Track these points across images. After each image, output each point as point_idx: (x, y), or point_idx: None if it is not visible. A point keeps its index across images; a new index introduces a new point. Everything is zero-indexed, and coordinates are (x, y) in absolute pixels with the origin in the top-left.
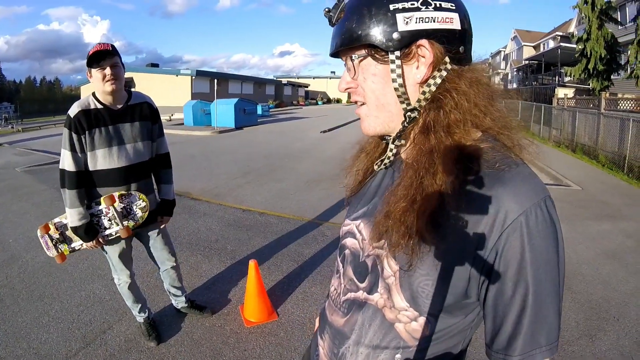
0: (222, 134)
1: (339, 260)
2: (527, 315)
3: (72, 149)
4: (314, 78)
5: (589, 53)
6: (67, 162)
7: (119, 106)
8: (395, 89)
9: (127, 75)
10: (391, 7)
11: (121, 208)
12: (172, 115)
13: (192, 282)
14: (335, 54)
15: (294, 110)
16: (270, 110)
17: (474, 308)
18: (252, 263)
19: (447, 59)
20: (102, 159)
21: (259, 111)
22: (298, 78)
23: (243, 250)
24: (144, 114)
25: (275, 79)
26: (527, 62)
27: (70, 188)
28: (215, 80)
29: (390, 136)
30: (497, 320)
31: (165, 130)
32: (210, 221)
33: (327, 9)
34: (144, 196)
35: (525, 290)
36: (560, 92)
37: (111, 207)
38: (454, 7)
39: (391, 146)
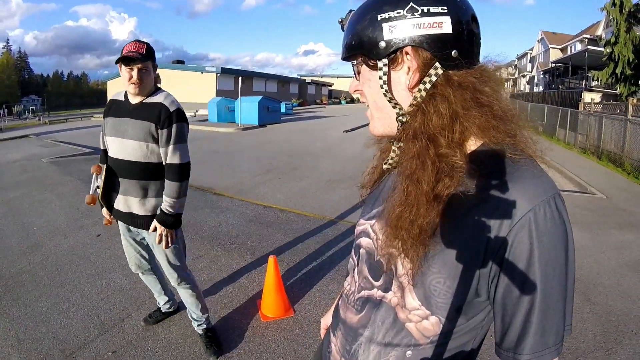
0: (246, 131)
1: (354, 258)
2: (535, 314)
3: (102, 129)
4: (337, 77)
5: (616, 57)
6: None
7: (136, 102)
8: (384, 94)
9: None
10: (378, 17)
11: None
12: (196, 111)
13: (211, 275)
14: (344, 59)
15: (317, 109)
16: (294, 108)
17: (484, 307)
18: (271, 259)
19: (437, 64)
20: (109, 145)
21: (283, 109)
22: (322, 77)
23: (263, 246)
24: (153, 115)
25: (299, 77)
26: (553, 65)
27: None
28: (240, 78)
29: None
30: (506, 318)
31: (189, 126)
32: (231, 216)
33: (340, 19)
34: (103, 178)
35: (534, 289)
36: (587, 97)
37: (94, 174)
38: (445, 11)
39: (394, 147)
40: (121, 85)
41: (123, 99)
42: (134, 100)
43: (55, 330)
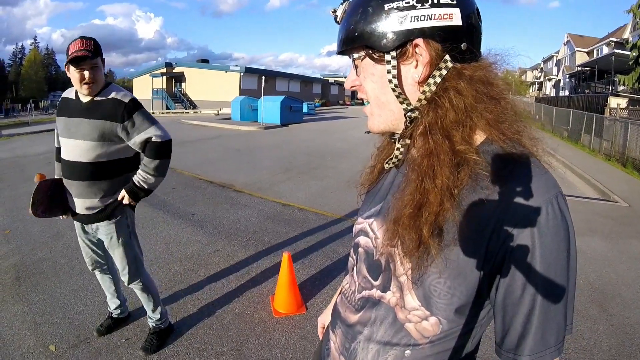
0: (268, 130)
1: (353, 257)
2: (536, 314)
3: (56, 128)
4: None
5: None
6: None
7: (87, 100)
8: (392, 89)
9: (178, 70)
10: (386, 6)
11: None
12: (220, 109)
13: (227, 269)
14: (341, 52)
15: (339, 110)
16: (316, 108)
17: (484, 306)
18: (285, 255)
19: (447, 57)
20: (62, 147)
21: (305, 109)
22: (345, 77)
23: (279, 243)
24: (108, 113)
25: (322, 77)
26: (579, 68)
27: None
28: (263, 78)
29: (398, 134)
30: (507, 319)
31: (212, 124)
32: (250, 213)
33: (332, 9)
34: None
35: (535, 290)
36: (613, 102)
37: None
38: (454, 2)
39: (397, 145)
40: (146, 83)
41: (74, 97)
42: (85, 98)
43: (72, 316)
